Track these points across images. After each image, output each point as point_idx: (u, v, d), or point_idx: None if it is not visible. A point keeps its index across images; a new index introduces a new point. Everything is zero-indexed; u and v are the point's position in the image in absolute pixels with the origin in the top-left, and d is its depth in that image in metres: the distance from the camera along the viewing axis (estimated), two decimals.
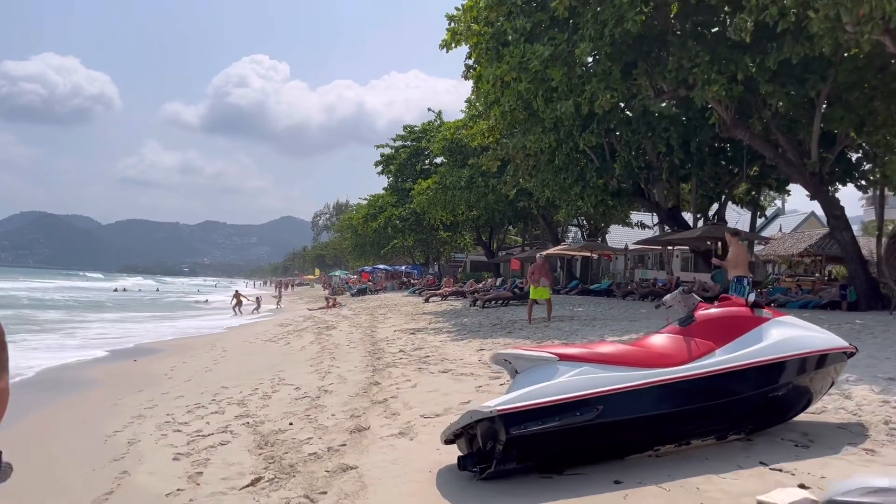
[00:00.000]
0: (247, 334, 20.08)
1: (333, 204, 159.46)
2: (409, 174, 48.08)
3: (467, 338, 13.60)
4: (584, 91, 16.37)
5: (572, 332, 13.09)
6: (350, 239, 72.19)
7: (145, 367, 13.59)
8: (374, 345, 13.66)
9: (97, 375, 12.59)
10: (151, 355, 15.94)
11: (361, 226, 53.02)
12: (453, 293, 27.86)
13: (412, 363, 10.41)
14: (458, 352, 11.50)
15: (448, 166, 36.65)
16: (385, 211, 47.84)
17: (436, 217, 38.78)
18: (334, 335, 16.71)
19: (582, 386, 4.45)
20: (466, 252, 58.72)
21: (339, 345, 14.27)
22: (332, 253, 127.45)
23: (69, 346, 17.88)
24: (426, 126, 48.38)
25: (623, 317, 15.87)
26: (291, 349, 14.52)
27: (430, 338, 14.05)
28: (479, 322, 16.84)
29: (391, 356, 11.49)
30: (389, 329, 17.04)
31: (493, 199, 33.39)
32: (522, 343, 11.90)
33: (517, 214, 38.85)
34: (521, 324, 15.41)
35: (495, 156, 25.11)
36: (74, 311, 35.13)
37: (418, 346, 12.53)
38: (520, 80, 17.11)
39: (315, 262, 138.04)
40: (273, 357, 13.42)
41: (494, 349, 11.66)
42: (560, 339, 11.96)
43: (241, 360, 13.48)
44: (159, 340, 20.28)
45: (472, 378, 8.63)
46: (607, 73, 16.12)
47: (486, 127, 25.59)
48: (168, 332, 23.76)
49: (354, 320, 21.51)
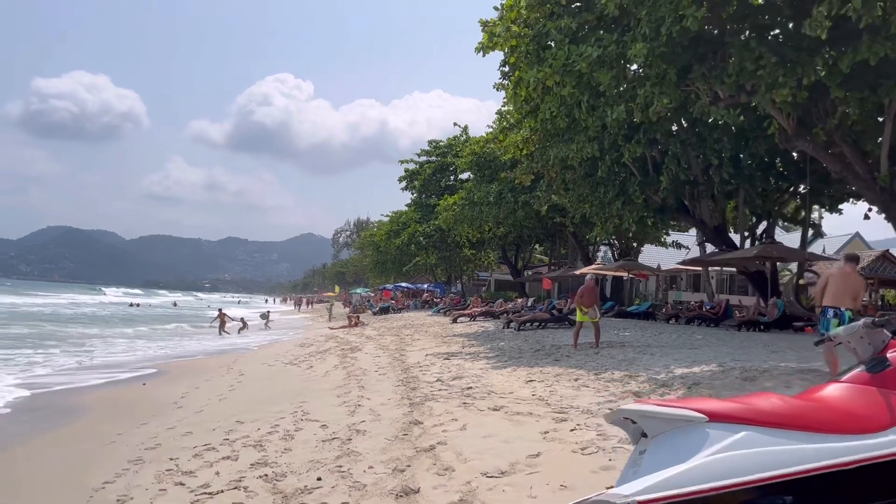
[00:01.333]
0: (266, 356, 18.80)
1: (354, 221, 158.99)
2: (434, 190, 46.89)
3: (510, 365, 12.20)
4: (635, 96, 15.02)
5: (629, 360, 11.64)
6: (371, 256, 71.05)
7: (154, 391, 12.33)
8: (406, 371, 12.30)
9: (98, 401, 11.34)
10: (163, 377, 14.70)
11: (384, 242, 51.80)
12: (483, 313, 26.43)
13: (454, 397, 9.03)
14: (505, 382, 10.10)
15: (476, 181, 35.33)
16: (409, 227, 46.60)
17: (462, 234, 37.47)
18: (360, 359, 15.37)
19: (756, 464, 3.05)
20: (490, 271, 57.27)
21: (366, 371, 12.93)
22: (353, 270, 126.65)
23: (76, 366, 16.71)
24: (451, 141, 47.25)
25: (680, 343, 14.37)
26: (314, 374, 13.20)
27: (467, 364, 12.66)
28: (517, 346, 15.42)
29: (428, 386, 10.12)
30: (420, 353, 15.67)
31: (522, 216, 31.97)
32: (575, 372, 10.49)
33: (546, 232, 37.40)
34: (566, 349, 13.97)
35: (529, 169, 23.76)
36: (89, 326, 34.15)
37: (457, 375, 11.14)
38: (563, 84, 15.81)
39: (335, 279, 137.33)
40: (294, 383, 12.10)
41: (541, 376, 10.29)
42: (620, 370, 10.52)
43: (259, 386, 12.17)
44: (173, 361, 19.07)
45: (533, 419, 7.23)
46: (662, 76, 14.75)
47: (519, 139, 24.35)
48: (183, 351, 22.59)
49: (380, 342, 20.17)
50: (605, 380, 9.65)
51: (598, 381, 9.60)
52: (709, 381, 8.79)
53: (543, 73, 15.69)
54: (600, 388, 8.95)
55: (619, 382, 9.33)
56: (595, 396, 8.42)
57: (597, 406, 7.71)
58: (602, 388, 8.95)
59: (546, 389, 9.16)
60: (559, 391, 8.95)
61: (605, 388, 9.00)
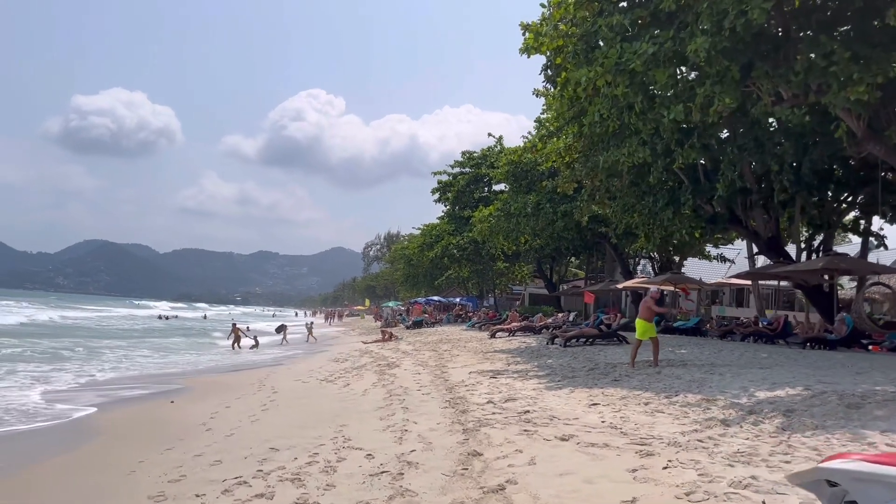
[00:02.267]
0: (299, 371, 17.98)
1: (384, 235, 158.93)
2: (468, 202, 46.03)
3: (565, 385, 11.19)
4: (694, 95, 13.99)
5: (698, 381, 10.54)
6: (402, 269, 70.31)
7: (181, 410, 11.53)
8: (451, 391, 11.35)
9: (122, 420, 10.58)
10: (191, 394, 13.93)
11: (417, 255, 50.97)
12: (522, 328, 25.36)
13: (512, 422, 8.05)
14: (565, 406, 9.10)
15: (512, 192, 34.37)
16: (442, 239, 45.72)
17: (497, 246, 36.51)
18: (399, 375, 14.46)
19: None
20: (524, 284, 56.11)
21: (408, 389, 12.00)
22: (383, 284, 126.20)
23: (103, 381, 16.07)
24: (486, 152, 46.41)
25: (746, 362, 13.20)
26: (352, 393, 12.30)
27: (517, 384, 11.67)
28: (568, 364, 14.38)
29: (479, 409, 9.15)
30: (462, 370, 14.71)
31: (561, 227, 30.89)
32: (641, 395, 9.44)
33: (585, 244, 36.24)
34: (623, 368, 12.89)
35: (572, 177, 22.75)
36: (121, 339, 33.80)
37: (509, 396, 10.16)
38: (616, 84, 14.83)
39: (365, 293, 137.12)
40: (332, 403, 11.21)
41: (604, 399, 9.28)
42: (691, 392, 9.45)
43: (293, 406, 11.30)
44: (203, 376, 18.37)
45: (612, 453, 6.23)
46: (723, 73, 13.72)
47: (561, 145, 23.39)
48: (213, 365, 21.91)
49: (417, 357, 19.24)
50: (679, 404, 8.60)
51: (672, 405, 8.55)
52: (804, 407, 7.69)
53: (594, 72, 14.73)
54: (678, 415, 7.91)
55: (697, 408, 8.27)
56: (675, 424, 7.40)
57: (682, 436, 6.69)
58: (680, 415, 7.91)
59: (615, 415, 8.15)
60: (631, 417, 7.93)
61: (682, 414, 7.96)
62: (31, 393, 13.41)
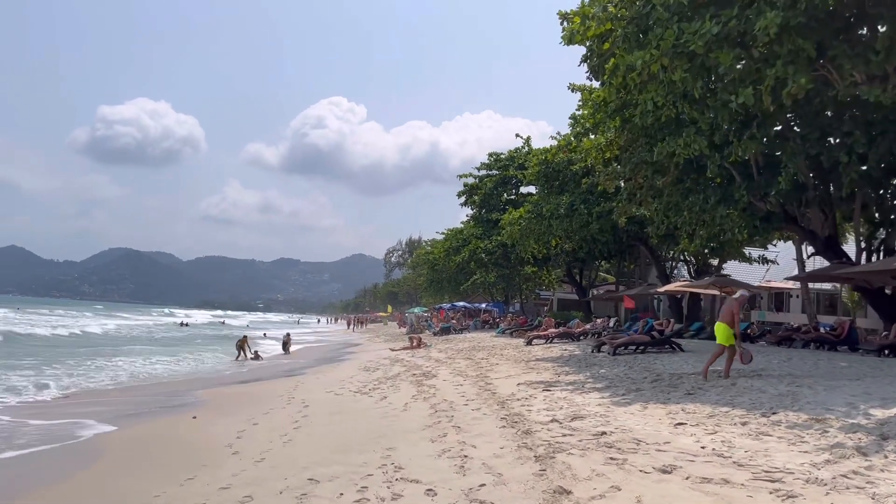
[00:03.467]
0: (329, 381, 16.86)
1: (406, 241, 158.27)
2: (495, 205, 44.76)
3: (633, 400, 9.92)
4: (762, 78, 12.70)
5: (789, 396, 9.22)
6: (426, 275, 69.10)
7: (204, 428, 10.43)
8: (503, 406, 10.13)
9: (140, 437, 9.49)
10: (216, 408, 12.85)
11: (443, 260, 49.73)
12: (560, 335, 24.05)
13: (591, 447, 6.83)
14: (644, 426, 7.84)
15: (543, 193, 33.01)
16: (469, 244, 44.45)
17: (527, 249, 35.11)
18: (439, 387, 13.26)
19: None
20: (553, 289, 54.67)
21: (453, 404, 10.80)
22: (405, 289, 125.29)
23: (119, 395, 15.08)
24: (513, 153, 45.14)
25: (830, 373, 11.83)
26: (391, 407, 11.12)
27: (577, 398, 10.42)
28: (625, 375, 13.09)
29: (544, 430, 7.93)
30: (507, 381, 13.48)
31: (596, 229, 29.54)
32: (729, 412, 8.16)
33: (620, 246, 34.81)
34: (691, 379, 11.58)
35: (615, 174, 21.47)
36: (139, 345, 33.00)
37: (574, 414, 8.91)
38: (673, 68, 13.58)
39: (387, 299, 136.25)
40: (371, 420, 10.04)
41: (688, 417, 8.02)
42: (790, 409, 8.14)
43: (329, 423, 10.15)
44: (227, 387, 17.33)
45: (738, 492, 4.99)
46: (797, 52, 12.42)
47: (602, 140, 22.12)
48: (238, 375, 20.91)
49: (453, 366, 18.03)
50: (784, 424, 7.31)
51: (776, 426, 7.27)
52: None
53: (650, 54, 13.49)
54: (791, 439, 6.63)
55: (809, 429, 6.99)
56: (795, 452, 6.13)
57: (816, 469, 5.42)
58: (794, 439, 6.63)
59: (712, 438, 6.89)
60: (735, 442, 6.67)
61: (797, 438, 6.68)
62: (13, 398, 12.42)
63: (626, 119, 20.27)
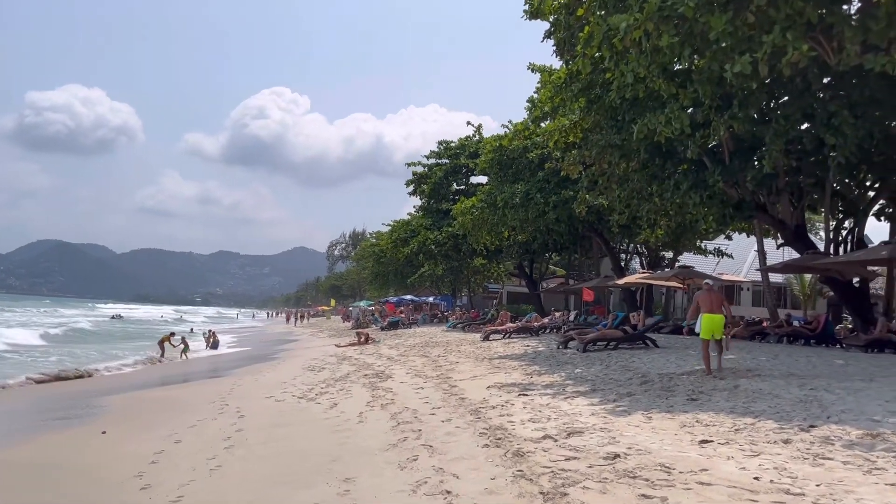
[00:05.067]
0: (268, 383, 15.02)
1: (350, 233, 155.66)
2: (445, 194, 43.22)
3: (630, 407, 8.48)
4: (756, 46, 11.43)
5: (809, 402, 7.92)
6: (371, 268, 67.06)
7: (115, 447, 8.55)
8: (476, 415, 8.57)
9: (30, 462, 7.55)
10: (131, 419, 10.91)
11: (391, 251, 47.90)
12: (518, 330, 22.66)
13: (609, 477, 5.32)
14: (660, 443, 6.38)
15: (497, 182, 31.51)
16: (418, 235, 42.74)
17: (479, 240, 33.64)
18: (397, 391, 11.62)
19: None
20: (502, 282, 53.52)
21: (416, 412, 9.19)
22: (349, 283, 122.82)
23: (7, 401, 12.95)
24: (463, 142, 43.65)
25: (833, 373, 10.67)
26: (344, 418, 9.42)
27: (563, 405, 8.92)
28: (605, 375, 11.69)
29: (539, 451, 6.39)
30: (474, 383, 11.93)
31: (553, 218, 28.21)
32: (755, 423, 6.79)
33: (575, 237, 33.71)
34: (685, 381, 10.23)
35: (579, 157, 20.12)
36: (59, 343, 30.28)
37: (568, 427, 7.40)
38: (659, 33, 12.21)
39: (330, 293, 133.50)
40: (321, 435, 8.33)
41: (708, 432, 6.62)
42: (830, 421, 6.81)
43: (268, 439, 8.39)
44: (151, 390, 15.31)
45: None
46: (796, 16, 11.19)
47: (566, 122, 20.74)
48: (162, 374, 18.82)
49: (408, 364, 16.42)
50: (839, 443, 5.95)
51: (828, 445, 5.90)
52: None
53: (634, 18, 12.08)
54: (863, 464, 5.25)
55: (873, 449, 5.64)
56: (881, 485, 4.74)
57: None
58: (865, 464, 5.25)
59: (759, 464, 5.45)
60: (790, 468, 5.24)
61: (867, 462, 5.30)
62: None
63: (593, 99, 19.00)
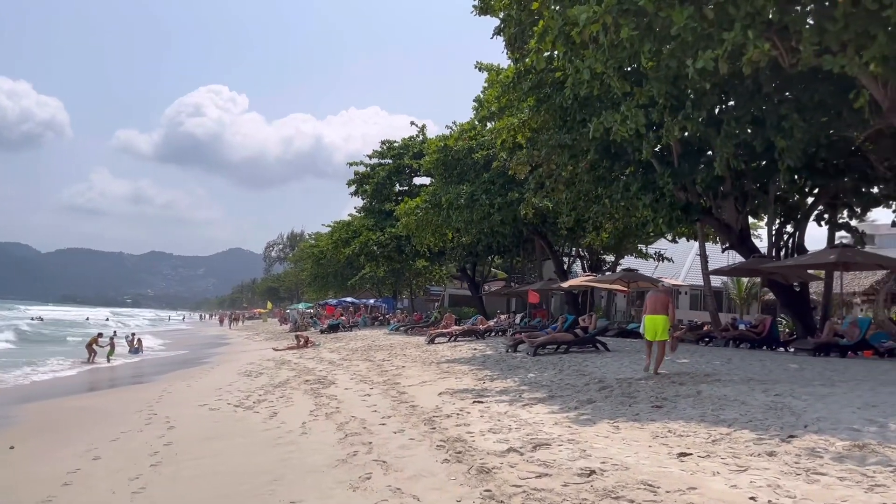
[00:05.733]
0: (202, 389, 14.04)
1: (288, 234, 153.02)
2: (387, 195, 42.43)
3: (591, 415, 8.00)
4: (721, 42, 11.19)
5: (779, 409, 7.60)
6: (309, 269, 65.63)
7: (23, 465, 7.58)
8: (431, 424, 7.95)
9: None
10: (46, 431, 9.86)
11: (332, 252, 46.74)
12: (464, 333, 22.13)
13: (588, 498, 4.78)
14: (635, 455, 5.89)
15: (441, 182, 30.92)
16: (360, 235, 41.79)
17: (423, 242, 32.98)
18: (342, 399, 10.89)
19: None
20: (444, 285, 53.05)
21: (365, 422, 8.50)
22: (287, 285, 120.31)
23: None
24: (407, 142, 42.96)
25: (790, 377, 10.47)
26: (285, 429, 8.64)
27: (522, 413, 8.38)
28: (560, 380, 11.22)
29: (503, 464, 5.82)
30: (424, 389, 11.31)
31: (498, 220, 27.81)
32: (731, 433, 6.40)
33: (519, 240, 33.51)
34: (645, 386, 9.84)
35: (527, 158, 19.76)
36: None
37: (531, 438, 6.85)
38: (618, 27, 11.85)
39: (266, 295, 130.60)
40: (260, 449, 7.55)
41: (683, 443, 6.19)
42: (808, 431, 6.46)
43: (201, 455, 7.56)
44: (72, 397, 14.12)
45: None
46: (756, 14, 11.00)
47: (515, 121, 20.32)
48: (84, 380, 17.54)
49: (351, 369, 15.67)
50: (828, 455, 5.56)
51: (816, 457, 5.50)
52: None
53: (593, 10, 11.69)
54: (860, 480, 4.85)
55: (865, 462, 5.26)
56: (879, 501, 4.34)
57: None
58: (862, 479, 4.85)
59: (750, 480, 5.00)
60: (784, 485, 4.81)
61: (863, 477, 4.91)
62: None
63: (542, 98, 18.68)
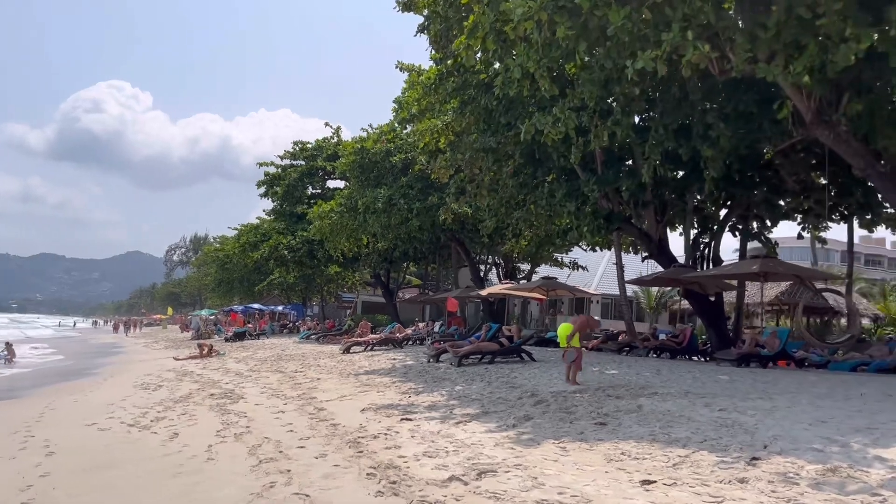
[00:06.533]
0: (91, 405, 12.55)
1: (191, 237, 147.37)
2: (299, 197, 40.98)
3: (532, 433, 7.35)
4: (659, 43, 10.88)
5: (726, 425, 7.19)
6: (214, 274, 62.79)
7: None
8: (356, 447, 7.09)
9: None
10: None
11: (239, 256, 44.69)
12: (382, 342, 21.22)
13: None
14: (593, 484, 5.26)
15: (358, 186, 29.88)
16: (270, 239, 40.08)
17: (337, 247, 31.80)
18: (252, 415, 9.83)
19: None
20: (357, 291, 51.82)
21: (281, 444, 7.53)
22: (189, 290, 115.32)
23: None
24: (321, 143, 41.66)
25: (724, 390, 10.19)
26: (188, 454, 7.55)
27: (456, 432, 7.64)
28: (490, 393, 10.56)
29: (448, 497, 5.06)
30: (344, 404, 10.39)
31: (416, 226, 27.07)
32: (691, 456, 5.89)
33: (436, 246, 32.92)
34: (582, 401, 9.30)
35: (451, 162, 19.16)
36: None
37: (473, 462, 6.12)
38: (553, 25, 11.38)
39: (167, 301, 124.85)
40: (156, 481, 6.46)
41: (642, 467, 5.59)
42: (772, 452, 6.03)
43: (82, 491, 6.38)
44: None
45: None
46: (692, 16, 10.77)
47: (439, 123, 19.66)
48: None
49: (261, 381, 14.51)
50: (805, 482, 5.10)
51: (791, 485, 5.03)
52: None
53: (528, 6, 11.18)
54: None
55: (843, 490, 4.82)
56: None
57: None
58: None
59: None
60: None
61: None
62: None
63: (467, 100, 18.12)
